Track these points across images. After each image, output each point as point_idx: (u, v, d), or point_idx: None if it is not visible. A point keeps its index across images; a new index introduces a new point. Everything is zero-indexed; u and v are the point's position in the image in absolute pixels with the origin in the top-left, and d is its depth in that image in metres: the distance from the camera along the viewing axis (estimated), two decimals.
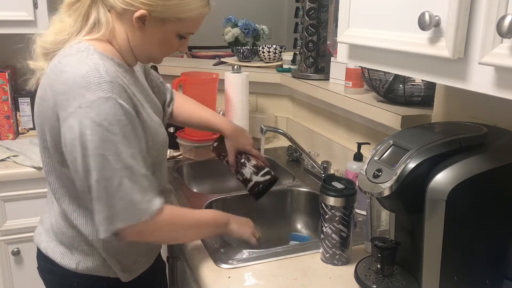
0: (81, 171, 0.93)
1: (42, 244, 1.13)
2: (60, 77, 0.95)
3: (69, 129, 0.93)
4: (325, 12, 1.85)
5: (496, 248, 0.90)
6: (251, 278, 1.06)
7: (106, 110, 0.91)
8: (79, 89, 0.92)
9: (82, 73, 0.93)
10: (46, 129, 1.01)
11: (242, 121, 1.96)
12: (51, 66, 0.99)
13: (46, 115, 0.99)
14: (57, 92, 0.95)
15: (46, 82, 0.99)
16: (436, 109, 1.24)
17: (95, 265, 1.08)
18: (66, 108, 0.93)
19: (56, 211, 1.11)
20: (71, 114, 0.92)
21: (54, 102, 0.95)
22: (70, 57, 0.97)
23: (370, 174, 0.91)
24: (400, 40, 0.82)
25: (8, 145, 1.90)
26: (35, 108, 1.05)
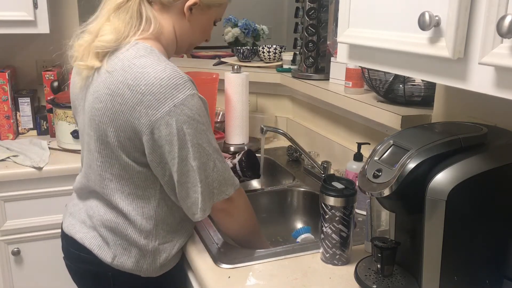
0: (177, 161, 1.03)
1: (78, 234, 1.19)
2: (142, 78, 1.01)
3: (163, 126, 1.01)
4: (325, 12, 1.85)
5: (496, 248, 0.90)
6: (251, 278, 1.06)
7: (195, 105, 1.03)
8: (169, 90, 1.00)
9: (167, 75, 1.01)
10: (113, 124, 1.05)
11: (242, 121, 1.96)
12: (122, 66, 1.04)
13: (120, 111, 1.04)
14: (142, 92, 1.01)
15: (119, 80, 1.03)
16: (436, 109, 1.24)
17: (130, 261, 1.14)
18: (158, 107, 1.00)
19: (98, 205, 1.16)
20: (166, 112, 1.00)
21: (138, 101, 1.01)
22: (144, 59, 1.04)
23: (370, 174, 0.91)
24: (400, 40, 0.82)
25: (8, 145, 1.89)
26: (96, 104, 1.08)
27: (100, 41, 1.08)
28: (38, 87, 2.18)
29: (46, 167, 1.74)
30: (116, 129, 1.06)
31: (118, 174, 1.11)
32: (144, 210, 1.13)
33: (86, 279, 1.24)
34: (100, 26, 1.10)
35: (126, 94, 1.02)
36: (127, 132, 1.05)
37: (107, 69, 1.06)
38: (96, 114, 1.08)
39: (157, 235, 1.15)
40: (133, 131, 1.04)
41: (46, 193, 1.77)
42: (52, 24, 1.92)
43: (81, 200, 1.24)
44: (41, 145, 1.92)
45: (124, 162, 1.09)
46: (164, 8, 1.11)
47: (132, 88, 1.02)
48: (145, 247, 1.14)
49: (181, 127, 1.01)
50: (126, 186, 1.12)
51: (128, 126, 1.04)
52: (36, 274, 1.83)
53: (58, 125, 1.88)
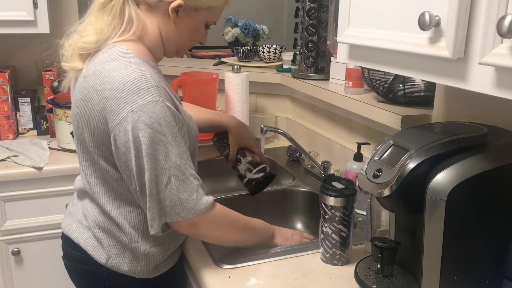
0: (135, 171, 0.99)
1: (74, 234, 1.18)
2: (108, 83, 0.99)
3: (122, 133, 0.97)
4: (325, 12, 1.85)
5: (496, 248, 0.90)
6: (251, 278, 1.06)
7: (156, 113, 0.97)
8: (129, 95, 0.97)
9: (131, 80, 0.97)
10: (88, 130, 1.05)
11: (242, 121, 1.96)
12: (94, 71, 1.02)
13: (91, 117, 1.02)
14: (105, 97, 0.99)
15: (90, 85, 1.02)
16: (436, 109, 1.24)
17: (124, 263, 1.13)
18: (118, 112, 0.97)
19: (92, 206, 1.16)
20: (124, 118, 0.97)
21: (103, 107, 1.00)
22: (114, 62, 1.01)
23: (370, 174, 0.91)
24: (400, 40, 0.82)
25: (8, 145, 1.89)
26: (74, 109, 1.08)
27: (82, 42, 1.06)
28: (38, 87, 2.18)
29: (46, 167, 1.74)
30: (91, 134, 1.05)
31: (101, 178, 1.10)
32: (131, 214, 1.11)
33: (82, 279, 1.24)
34: (84, 27, 1.09)
35: (94, 99, 1.01)
36: (100, 138, 1.04)
37: (84, 74, 1.05)
38: (75, 119, 1.09)
39: (147, 239, 1.12)
40: (104, 136, 1.02)
41: (46, 193, 1.77)
42: (52, 24, 1.92)
43: (79, 200, 1.24)
44: (41, 145, 1.92)
45: (103, 167, 1.07)
46: (150, 9, 1.08)
47: (99, 93, 1.00)
48: (137, 250, 1.12)
49: (137, 135, 0.97)
50: (111, 191, 1.10)
51: (99, 131, 1.03)
52: (36, 274, 1.83)
53: (58, 125, 1.88)
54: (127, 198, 1.10)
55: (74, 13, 2.19)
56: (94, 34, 1.05)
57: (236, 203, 1.52)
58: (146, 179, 0.98)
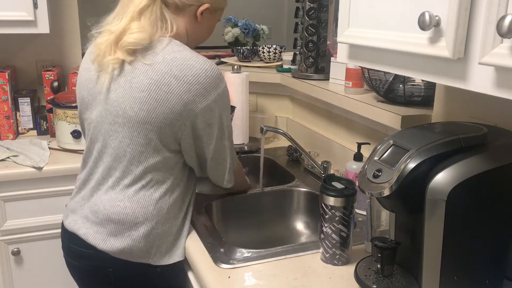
0: (215, 140, 1.21)
1: (81, 230, 1.21)
2: (188, 70, 1.12)
3: (208, 112, 1.16)
4: (325, 12, 1.85)
5: (496, 248, 0.90)
6: (251, 278, 1.06)
7: (227, 92, 1.21)
8: (214, 80, 1.15)
9: (210, 67, 1.15)
10: (154, 112, 1.13)
11: (242, 121, 1.96)
12: (164, 59, 1.13)
13: (165, 99, 1.12)
14: (189, 82, 1.12)
15: (164, 71, 1.12)
16: (436, 109, 1.24)
17: (139, 250, 1.18)
18: (206, 95, 1.14)
19: (109, 198, 1.19)
20: (213, 100, 1.15)
21: (186, 90, 1.12)
22: (184, 52, 1.15)
23: (370, 174, 0.91)
24: (400, 40, 0.82)
25: (8, 145, 1.89)
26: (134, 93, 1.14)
27: (132, 38, 1.14)
28: (38, 87, 2.18)
29: (46, 167, 1.74)
30: (157, 115, 1.13)
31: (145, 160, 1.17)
32: (156, 194, 1.19)
33: (86, 276, 1.25)
34: (124, 26, 1.15)
35: (172, 83, 1.12)
36: (169, 118, 1.13)
37: (146, 62, 1.13)
38: (136, 102, 1.13)
39: (167, 219, 1.20)
40: (176, 117, 1.13)
41: (46, 193, 1.77)
42: (52, 24, 1.92)
43: (83, 197, 1.25)
44: (41, 145, 1.92)
45: (156, 146, 1.17)
46: (178, 11, 1.21)
47: (179, 78, 1.12)
48: (152, 233, 1.18)
49: (221, 113, 1.19)
50: (149, 172, 1.18)
51: (173, 112, 1.13)
52: (36, 274, 1.83)
53: (58, 125, 1.88)
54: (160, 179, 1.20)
55: (74, 13, 2.19)
56: (143, 32, 1.14)
57: (236, 203, 1.52)
58: (226, 146, 1.26)
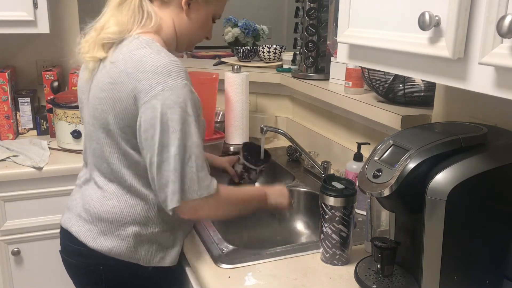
0: (156, 146, 1.04)
1: (73, 227, 1.21)
2: (140, 66, 1.06)
3: (150, 109, 1.04)
4: (325, 12, 1.85)
5: (496, 248, 0.90)
6: (251, 278, 1.06)
7: (184, 94, 1.05)
8: (161, 76, 1.04)
9: (163, 63, 1.05)
10: (113, 113, 1.09)
11: (242, 121, 1.96)
12: (124, 57, 1.09)
13: (119, 99, 1.08)
14: (137, 79, 1.05)
15: (121, 69, 1.08)
16: (436, 109, 1.24)
17: (128, 250, 1.16)
18: (148, 91, 1.04)
19: (99, 196, 1.18)
20: (154, 96, 1.03)
21: (133, 87, 1.05)
22: (144, 50, 1.08)
23: (370, 174, 0.91)
24: (400, 40, 0.82)
25: (8, 145, 1.89)
26: (99, 93, 1.12)
27: (106, 33, 1.12)
28: (38, 87, 2.18)
29: (46, 167, 1.74)
30: (116, 116, 1.10)
31: (124, 160, 1.15)
32: (142, 196, 1.16)
33: (78, 273, 1.25)
34: (104, 22, 1.15)
35: (125, 81, 1.07)
36: (126, 119, 1.09)
37: (111, 60, 1.11)
38: (99, 103, 1.12)
39: (157, 222, 1.18)
40: (131, 117, 1.08)
41: (46, 193, 1.77)
42: (52, 24, 1.92)
43: (79, 195, 1.26)
44: (41, 145, 1.92)
45: (124, 149, 1.13)
46: (163, 4, 1.16)
47: (130, 75, 1.06)
48: (143, 233, 1.17)
49: (165, 111, 1.03)
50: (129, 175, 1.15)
51: (127, 112, 1.08)
52: (36, 274, 1.83)
53: (58, 125, 1.88)
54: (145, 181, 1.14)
55: (74, 13, 2.19)
56: (117, 26, 1.12)
57: None
58: (171, 154, 1.04)
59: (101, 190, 1.19)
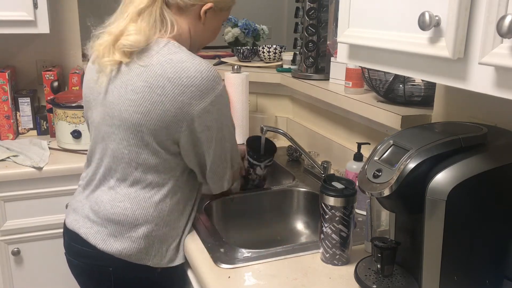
0: (214, 143, 1.18)
1: (82, 229, 1.22)
2: (183, 71, 1.10)
3: (207, 114, 1.13)
4: (325, 12, 1.85)
5: (496, 248, 0.90)
6: (251, 278, 1.06)
7: (226, 93, 1.19)
8: (210, 82, 1.12)
9: (206, 69, 1.12)
10: (149, 114, 1.12)
11: (242, 121, 1.96)
12: (159, 61, 1.11)
13: (160, 102, 1.10)
14: (184, 84, 1.10)
15: (158, 74, 1.10)
16: (436, 109, 1.24)
17: (140, 252, 1.18)
18: (202, 98, 1.11)
19: (110, 198, 1.19)
20: (210, 103, 1.12)
21: (181, 92, 1.10)
22: (180, 54, 1.13)
23: (370, 174, 0.91)
24: (400, 40, 0.82)
25: (8, 145, 1.89)
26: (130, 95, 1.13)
27: (127, 40, 1.12)
28: (38, 87, 2.18)
29: (46, 167, 1.74)
30: (152, 118, 1.12)
31: (143, 162, 1.16)
32: (157, 197, 1.19)
33: (87, 275, 1.25)
34: (122, 27, 1.14)
35: (166, 86, 1.10)
36: (164, 121, 1.12)
37: (141, 64, 1.12)
38: (130, 104, 1.13)
39: (168, 221, 1.20)
40: (171, 120, 1.11)
41: (46, 193, 1.77)
42: (52, 24, 1.92)
43: (85, 196, 1.26)
44: (41, 145, 1.92)
45: (154, 149, 1.15)
46: (180, 11, 1.19)
47: (173, 80, 1.09)
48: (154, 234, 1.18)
49: (220, 114, 1.16)
50: (149, 174, 1.17)
51: (167, 115, 1.11)
52: (36, 274, 1.83)
53: (58, 125, 1.88)
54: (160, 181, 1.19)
55: (74, 13, 2.19)
56: (140, 34, 1.12)
57: (236, 203, 1.52)
58: (228, 147, 1.22)
59: (112, 191, 1.19)
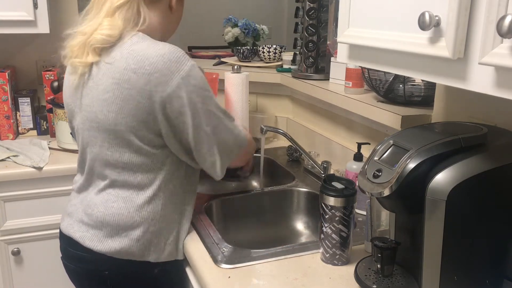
0: (191, 130, 1.11)
1: (77, 233, 1.21)
2: (145, 59, 1.06)
3: (176, 99, 1.07)
4: (325, 12, 1.85)
5: (496, 248, 0.90)
6: (251, 278, 1.06)
7: (198, 74, 1.11)
8: (173, 64, 1.07)
9: (167, 51, 1.07)
10: (122, 111, 1.09)
11: (242, 121, 1.96)
12: (122, 55, 1.08)
13: (129, 96, 1.08)
14: (147, 72, 1.06)
15: (122, 67, 1.08)
16: (436, 109, 1.24)
17: (138, 249, 1.17)
18: (167, 83, 1.06)
19: (103, 200, 1.18)
20: (176, 86, 1.07)
21: (146, 81, 1.06)
22: (141, 43, 1.10)
23: (370, 174, 0.91)
24: (400, 40, 0.82)
25: (8, 145, 1.89)
26: (101, 95, 1.11)
27: (100, 34, 1.11)
28: (38, 87, 2.18)
29: (46, 167, 1.74)
30: (127, 114, 1.09)
31: (129, 161, 1.14)
32: (149, 192, 1.17)
33: (83, 279, 1.25)
34: (95, 26, 1.13)
35: (132, 78, 1.07)
36: (139, 115, 1.09)
37: (107, 61, 1.11)
38: (103, 104, 1.11)
39: (164, 216, 1.19)
40: (146, 112, 1.08)
41: (46, 193, 1.77)
42: (52, 24, 1.92)
43: (79, 200, 1.25)
44: (41, 145, 1.92)
45: (137, 146, 1.13)
46: (152, 4, 1.17)
47: (137, 71, 1.07)
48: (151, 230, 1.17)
49: (191, 97, 1.08)
50: (138, 173, 1.16)
51: (140, 108, 1.08)
52: (36, 274, 1.83)
53: (58, 125, 1.88)
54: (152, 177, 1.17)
55: (74, 13, 2.19)
56: (112, 30, 1.11)
57: (235, 203, 1.52)
58: (207, 132, 1.13)
59: (104, 193, 1.18)
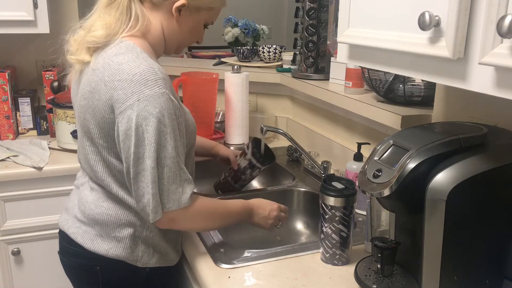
0: (132, 158, 1.02)
1: (71, 229, 1.21)
2: (117, 74, 1.03)
3: (125, 120, 1.01)
4: (325, 12, 1.85)
5: (496, 248, 0.90)
6: (251, 278, 1.06)
7: (161, 104, 1.01)
8: (137, 85, 1.00)
9: (140, 71, 1.01)
10: (94, 122, 1.08)
11: (242, 121, 1.96)
12: (103, 64, 1.06)
13: (97, 108, 1.06)
14: (114, 87, 1.02)
15: (99, 78, 1.06)
16: (436, 109, 1.24)
17: (126, 252, 1.15)
18: (124, 101, 1.01)
19: (94, 198, 1.17)
20: (129, 106, 1.00)
21: (110, 96, 1.03)
22: (122, 56, 1.05)
23: (370, 174, 0.91)
24: (400, 40, 0.82)
25: (8, 145, 1.89)
26: (81, 101, 1.11)
27: (91, 36, 1.09)
28: (38, 87, 2.18)
29: (46, 167, 1.74)
30: (96, 125, 1.08)
31: (108, 168, 1.13)
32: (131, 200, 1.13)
33: (76, 273, 1.25)
34: (92, 22, 1.13)
35: (102, 90, 1.05)
36: (105, 129, 1.07)
37: (92, 67, 1.09)
38: (81, 111, 1.12)
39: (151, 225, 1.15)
40: (109, 126, 1.06)
41: (46, 193, 1.77)
42: (52, 24, 1.92)
43: (76, 196, 1.26)
44: (41, 145, 1.92)
45: (106, 158, 1.11)
46: (154, 7, 1.13)
47: (107, 84, 1.04)
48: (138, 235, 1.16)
49: (140, 123, 1.00)
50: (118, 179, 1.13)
51: (105, 121, 1.06)
52: (36, 274, 1.83)
53: (58, 125, 1.88)
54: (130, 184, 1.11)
55: (74, 13, 2.19)
56: (103, 29, 1.09)
57: None
58: (146, 166, 1.01)
59: (95, 192, 1.18)
